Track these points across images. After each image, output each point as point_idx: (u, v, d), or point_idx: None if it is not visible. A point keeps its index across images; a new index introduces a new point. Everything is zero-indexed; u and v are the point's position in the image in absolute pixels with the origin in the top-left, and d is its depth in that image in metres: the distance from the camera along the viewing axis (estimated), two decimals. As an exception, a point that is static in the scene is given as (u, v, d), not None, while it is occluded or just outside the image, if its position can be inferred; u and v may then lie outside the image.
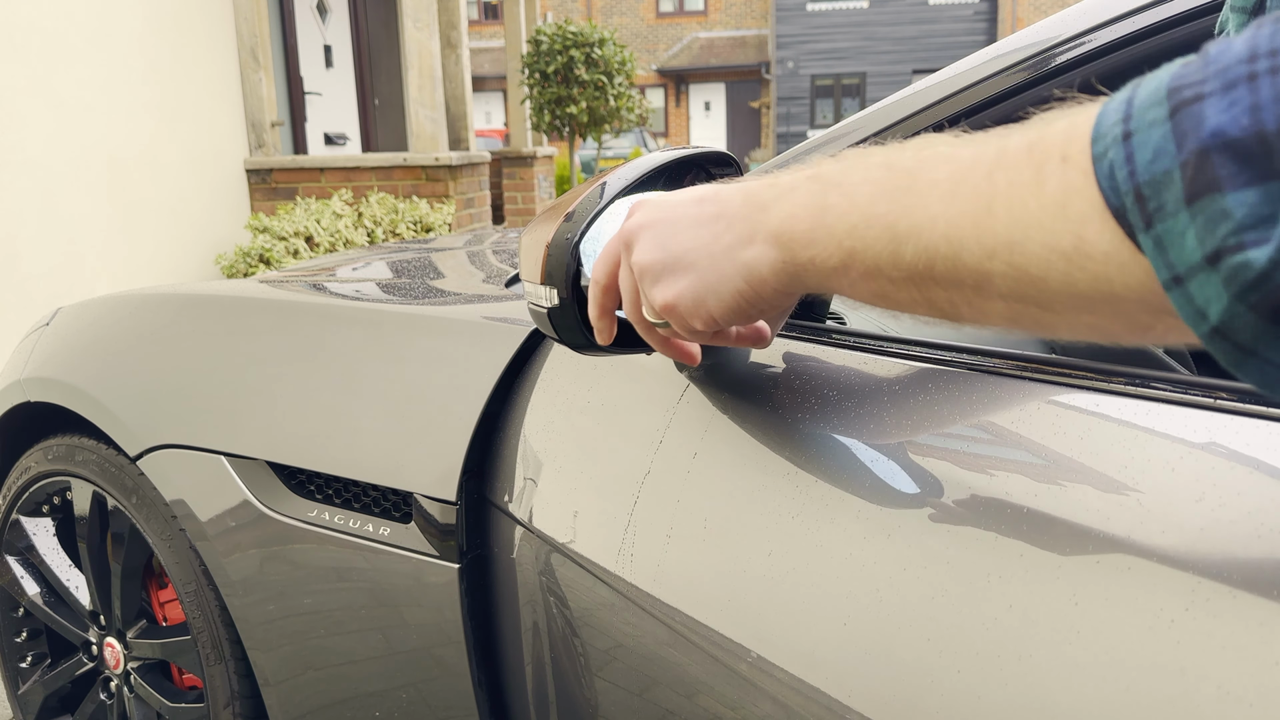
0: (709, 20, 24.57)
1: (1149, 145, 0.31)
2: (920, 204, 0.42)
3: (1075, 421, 0.57)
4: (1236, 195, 0.29)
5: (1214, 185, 0.29)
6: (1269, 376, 0.31)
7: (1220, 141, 0.29)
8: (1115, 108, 0.34)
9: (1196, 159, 0.30)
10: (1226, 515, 0.48)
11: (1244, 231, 0.29)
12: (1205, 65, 0.31)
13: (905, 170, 0.44)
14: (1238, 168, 0.29)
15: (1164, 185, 0.31)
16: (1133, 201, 0.32)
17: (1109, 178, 0.33)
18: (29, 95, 3.97)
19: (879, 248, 0.44)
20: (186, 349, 1.21)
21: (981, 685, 0.53)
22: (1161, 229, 0.31)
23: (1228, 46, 0.30)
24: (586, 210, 0.69)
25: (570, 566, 0.83)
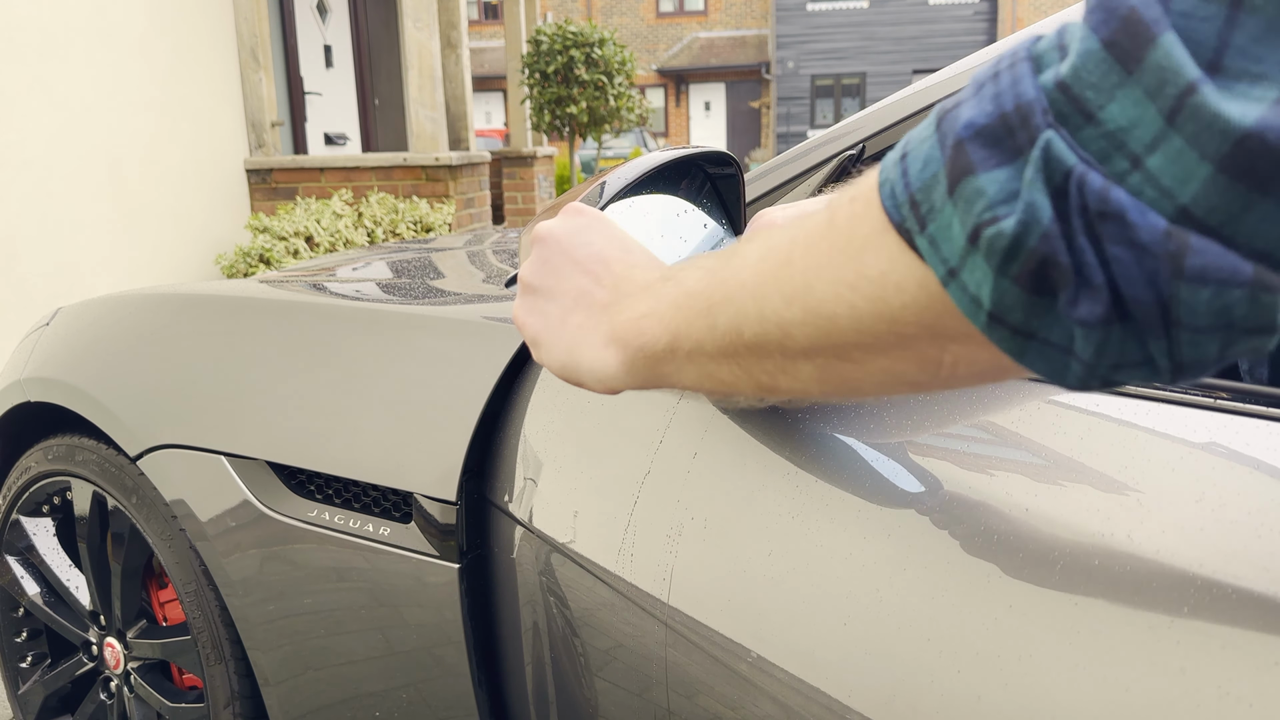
0: (709, 20, 24.57)
1: (919, 157, 0.34)
2: (733, 274, 0.45)
3: (1075, 421, 0.57)
4: (988, 175, 0.31)
5: (968, 169, 0.32)
6: (1053, 362, 0.32)
7: (972, 131, 0.32)
8: (899, 145, 0.36)
9: (954, 152, 0.32)
10: (1226, 515, 0.48)
11: (997, 206, 0.31)
12: (969, 86, 0.34)
13: (726, 254, 0.47)
14: (988, 151, 0.31)
15: (933, 186, 0.33)
16: (909, 209, 0.34)
17: (891, 198, 0.35)
18: (29, 95, 3.97)
19: (699, 323, 0.46)
20: (186, 349, 1.21)
21: (981, 685, 0.53)
22: (933, 227, 0.33)
23: (984, 68, 0.33)
24: (586, 210, 0.69)
25: (570, 566, 0.83)
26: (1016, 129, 0.31)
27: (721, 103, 24.78)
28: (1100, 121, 0.29)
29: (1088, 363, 0.32)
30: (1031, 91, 0.31)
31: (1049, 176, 0.30)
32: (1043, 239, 0.30)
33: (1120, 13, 0.29)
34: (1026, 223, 0.30)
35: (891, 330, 0.37)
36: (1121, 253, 0.29)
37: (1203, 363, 0.30)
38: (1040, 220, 0.30)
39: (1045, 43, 0.32)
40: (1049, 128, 0.30)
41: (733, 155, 0.80)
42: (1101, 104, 0.29)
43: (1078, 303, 0.30)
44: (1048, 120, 0.30)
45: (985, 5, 21.97)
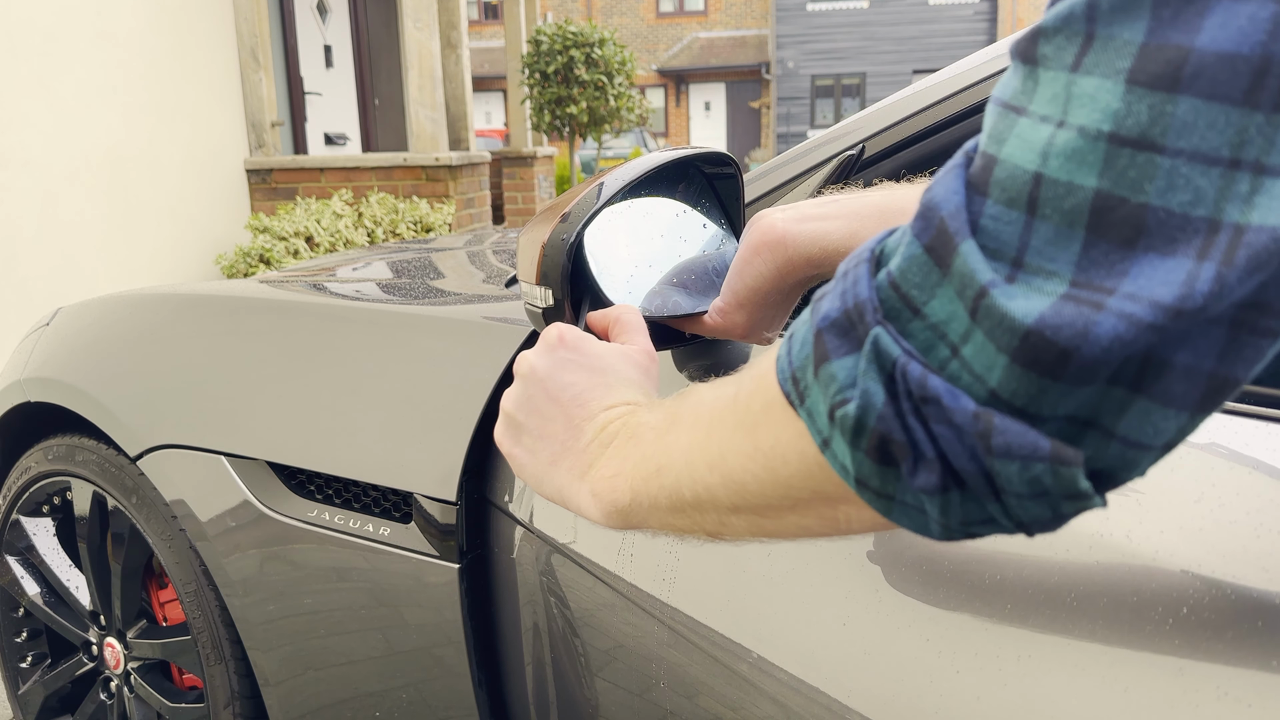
0: (709, 20, 24.57)
1: (800, 338, 0.39)
2: (674, 441, 0.50)
3: (1075, 421, 0.57)
4: (839, 361, 0.36)
5: (825, 356, 0.36)
6: (914, 519, 0.36)
7: (827, 323, 0.37)
8: (793, 326, 0.40)
9: (816, 340, 0.37)
10: (1226, 515, 0.48)
11: (845, 389, 0.35)
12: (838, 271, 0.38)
13: (672, 415, 0.52)
14: (839, 340, 0.36)
15: (806, 366, 0.38)
16: (791, 385, 0.39)
17: (781, 373, 0.40)
18: (29, 95, 3.97)
19: (652, 484, 0.51)
20: (186, 349, 1.21)
21: (981, 685, 0.53)
22: (809, 401, 0.38)
23: (848, 259, 0.38)
24: (583, 211, 0.69)
25: (570, 567, 0.83)
26: (856, 323, 0.35)
27: (721, 103, 24.78)
28: (925, 315, 0.34)
29: (941, 522, 0.35)
30: (865, 291, 0.35)
31: (881, 366, 0.34)
32: (879, 419, 0.34)
33: (934, 222, 0.33)
34: (864, 407, 0.34)
35: (788, 495, 0.42)
36: (943, 430, 0.33)
37: (1042, 522, 0.34)
38: (875, 405, 0.34)
39: (894, 239, 0.36)
40: (877, 324, 0.35)
41: (732, 156, 0.80)
42: (925, 300, 0.34)
43: (917, 473, 0.34)
44: (877, 318, 0.35)
45: (985, 5, 21.97)
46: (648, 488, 0.52)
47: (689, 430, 0.49)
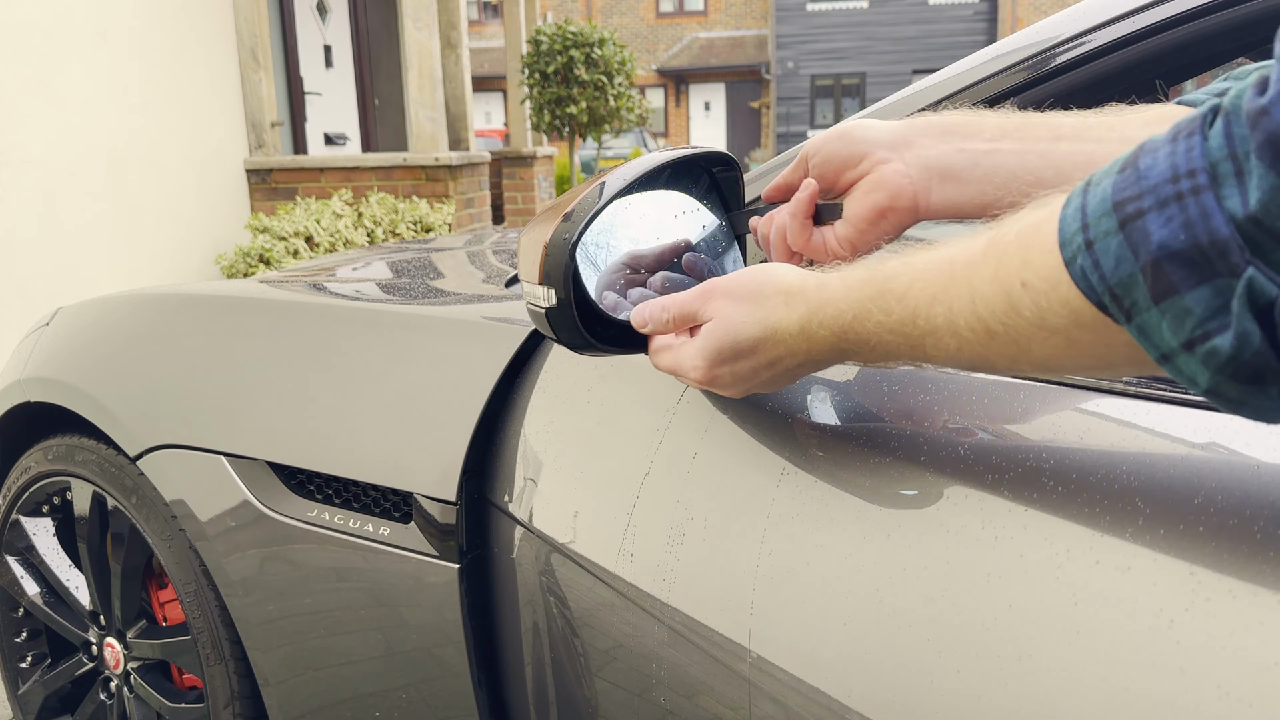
0: (709, 20, 24.56)
1: (1110, 253, 0.39)
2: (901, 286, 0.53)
3: (1075, 421, 0.57)
4: (1192, 294, 0.37)
5: (1172, 289, 0.37)
6: (1263, 414, 0.39)
7: (1167, 253, 0.37)
8: (1073, 215, 0.42)
9: (1152, 268, 0.38)
10: (1226, 515, 0.48)
11: (1206, 323, 0.37)
12: (1139, 180, 0.39)
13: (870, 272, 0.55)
14: (1186, 272, 0.37)
15: (1132, 286, 0.39)
16: (1109, 299, 0.40)
17: (1084, 280, 0.41)
18: (29, 95, 3.97)
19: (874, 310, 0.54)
20: (186, 349, 1.21)
21: (981, 685, 0.53)
22: (1140, 321, 0.39)
23: (1154, 163, 0.39)
24: (584, 210, 0.69)
25: (570, 566, 0.83)
26: (1214, 259, 0.36)
27: (721, 103, 24.77)
28: None
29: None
30: (1224, 229, 0.36)
31: (1253, 304, 0.36)
32: (1255, 355, 0.36)
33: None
34: (1239, 345, 0.36)
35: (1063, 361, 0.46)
36: None
37: None
38: (1252, 343, 0.36)
39: (1216, 151, 0.37)
40: (1248, 264, 0.35)
41: (733, 155, 0.80)
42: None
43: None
44: (1245, 257, 0.35)
45: (985, 5, 21.96)
46: (867, 313, 0.54)
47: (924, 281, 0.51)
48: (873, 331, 0.54)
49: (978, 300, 0.47)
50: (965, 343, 0.49)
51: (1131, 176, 0.39)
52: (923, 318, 0.51)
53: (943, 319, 0.49)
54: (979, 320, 0.47)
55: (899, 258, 0.54)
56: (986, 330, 0.47)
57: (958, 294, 0.48)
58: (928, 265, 0.51)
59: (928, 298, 0.50)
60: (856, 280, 0.56)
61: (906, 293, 0.52)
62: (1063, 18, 0.80)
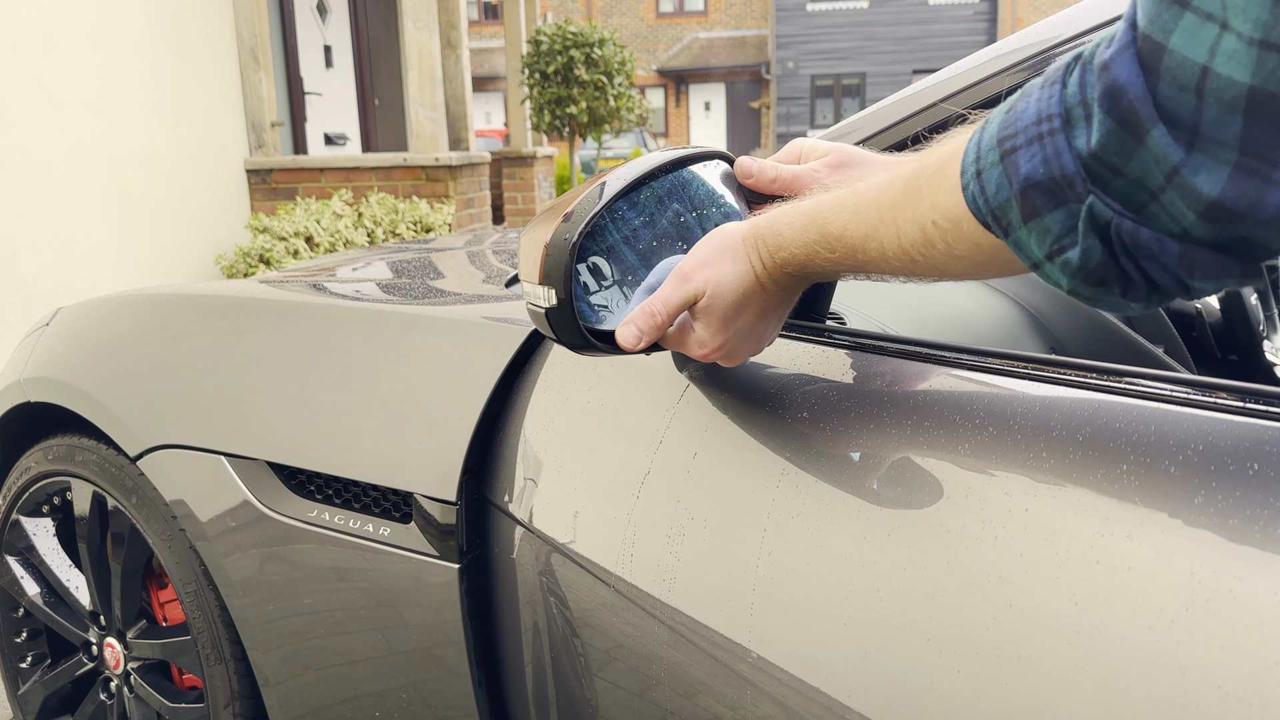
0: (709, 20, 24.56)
1: (992, 182, 0.48)
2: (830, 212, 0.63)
3: (1075, 421, 0.57)
4: (1050, 216, 0.46)
5: (1035, 212, 0.47)
6: (1113, 308, 0.48)
7: (1032, 183, 0.46)
8: (970, 149, 0.50)
9: (1020, 195, 0.47)
10: (1226, 515, 0.48)
11: (1061, 239, 0.46)
12: (1015, 121, 0.47)
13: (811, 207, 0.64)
14: (1046, 199, 0.46)
15: (1007, 209, 0.48)
16: (991, 219, 0.49)
17: (973, 202, 0.50)
18: (29, 95, 3.97)
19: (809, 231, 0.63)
20: (186, 349, 1.21)
21: (981, 685, 0.53)
22: (1015, 237, 0.49)
23: (1026, 106, 0.47)
24: (585, 210, 0.69)
25: (570, 566, 0.83)
26: (1065, 188, 0.45)
27: (721, 103, 24.76)
28: (1124, 174, 0.43)
29: (1134, 307, 0.47)
30: (1071, 165, 0.44)
31: (1094, 225, 0.44)
32: (1098, 264, 0.45)
33: (1122, 101, 0.42)
34: (1085, 256, 0.45)
35: (958, 259, 0.55)
36: (1151, 266, 0.44)
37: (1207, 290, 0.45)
38: (1094, 254, 0.45)
39: (1070, 99, 0.44)
40: (1089, 193, 0.44)
41: (733, 155, 0.80)
42: (1123, 164, 0.43)
43: (1126, 293, 0.46)
44: (1087, 187, 0.44)
45: (985, 5, 21.96)
46: (803, 235, 0.63)
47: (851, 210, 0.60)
48: (823, 266, 0.64)
49: (902, 237, 0.56)
50: (895, 267, 0.59)
51: (1010, 117, 0.48)
52: (860, 252, 0.60)
53: (876, 253, 0.59)
54: (904, 253, 0.57)
55: (832, 197, 0.63)
56: (910, 260, 0.57)
57: (886, 232, 0.57)
58: (858, 205, 0.60)
59: (861, 236, 0.59)
60: (800, 226, 0.65)
61: (844, 233, 0.61)
62: (1063, 18, 0.80)
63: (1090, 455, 0.55)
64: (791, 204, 0.67)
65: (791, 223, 0.65)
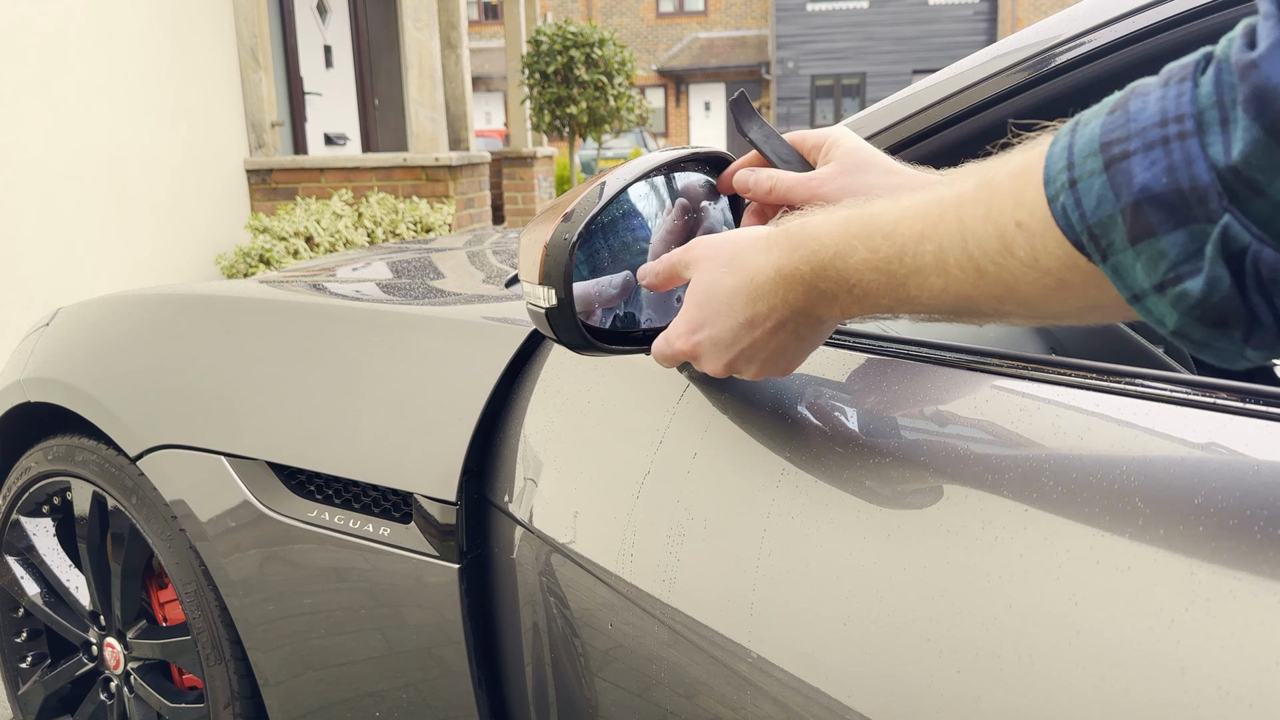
0: (709, 20, 24.56)
1: (1092, 193, 0.40)
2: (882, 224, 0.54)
3: (1075, 421, 0.57)
4: (1168, 238, 0.38)
5: (1149, 231, 0.38)
6: (1224, 357, 0.40)
7: (1148, 195, 0.38)
8: (1059, 153, 0.42)
9: (1132, 209, 0.39)
10: (1226, 515, 0.48)
11: (1179, 266, 0.38)
12: (1128, 122, 0.39)
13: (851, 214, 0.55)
14: (1164, 216, 0.38)
15: (1110, 227, 0.40)
16: (1087, 238, 0.41)
17: (1064, 218, 0.42)
18: (29, 95, 3.96)
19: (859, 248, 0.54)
20: (186, 349, 1.21)
21: (981, 685, 0.53)
22: (1115, 261, 0.40)
23: (1144, 106, 0.39)
24: (585, 210, 0.70)
25: (570, 566, 0.83)
26: (1193, 205, 0.37)
27: (721, 103, 24.76)
28: (1267, 194, 0.35)
29: (1249, 359, 0.40)
30: (1205, 176, 0.37)
31: (1225, 250, 0.37)
32: (1222, 300, 0.37)
33: (1276, 108, 0.34)
34: (1209, 289, 0.37)
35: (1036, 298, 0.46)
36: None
37: None
38: (1221, 287, 0.37)
39: (1205, 99, 0.37)
40: (1225, 211, 0.36)
41: (733, 156, 0.80)
42: (1269, 180, 0.35)
43: (1250, 337, 0.38)
44: (1223, 204, 0.36)
45: (985, 5, 21.96)
46: (852, 249, 0.54)
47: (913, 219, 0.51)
48: (855, 269, 0.54)
49: (969, 239, 0.47)
50: (953, 281, 0.49)
51: (1121, 118, 0.40)
52: (910, 255, 0.50)
53: (931, 257, 0.49)
54: (969, 259, 0.47)
55: (884, 199, 0.54)
56: (977, 269, 0.47)
57: (948, 231, 0.48)
58: (915, 203, 0.51)
59: (916, 234, 0.50)
60: (841, 217, 0.56)
61: (894, 229, 0.52)
62: (1063, 18, 0.80)
63: (1090, 455, 0.55)
64: (832, 206, 0.59)
65: (830, 214, 0.57)
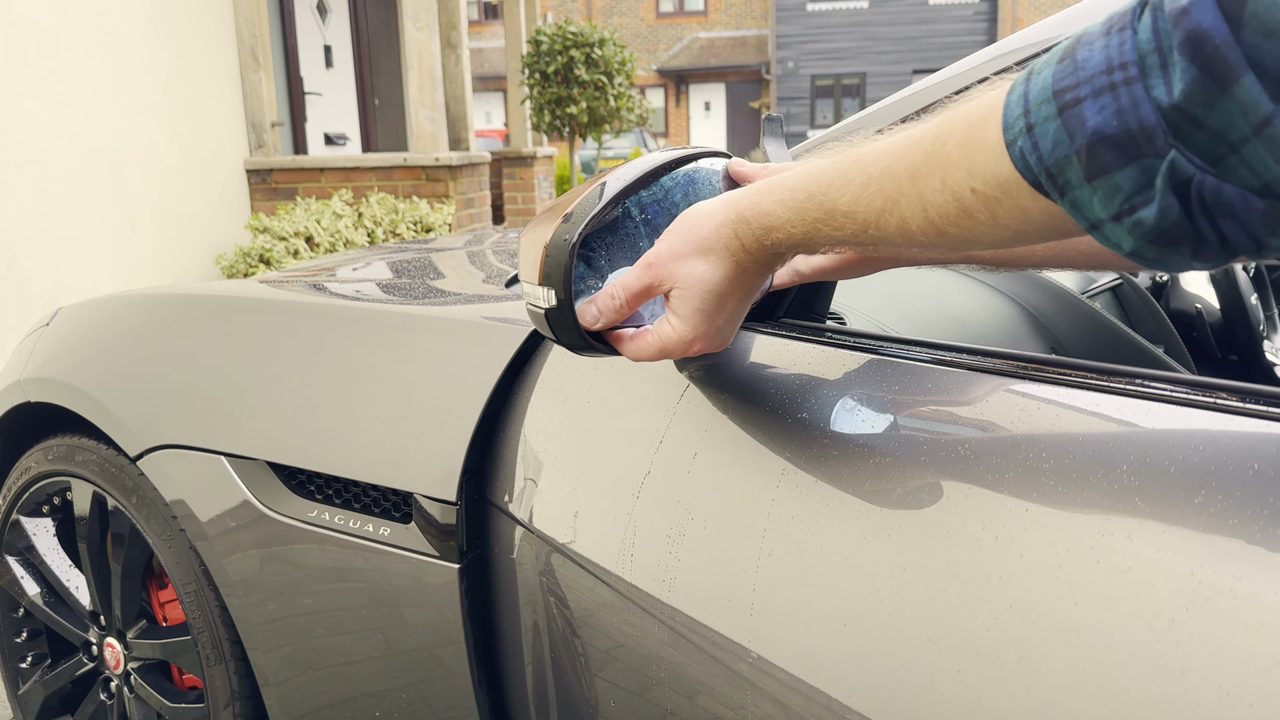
0: (709, 20, 24.56)
1: (1048, 137, 0.44)
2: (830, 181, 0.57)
3: (1075, 421, 0.57)
4: (1121, 173, 0.42)
5: (1104, 169, 0.42)
6: (1174, 268, 0.45)
7: (1101, 137, 0.42)
8: (1016, 101, 0.46)
9: (1087, 150, 0.42)
10: (1226, 515, 0.48)
11: (1133, 198, 0.42)
12: (1076, 70, 0.43)
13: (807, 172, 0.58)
14: (1116, 154, 0.42)
15: (1066, 166, 0.44)
16: (1045, 178, 0.45)
17: (1022, 160, 0.45)
18: (29, 95, 3.97)
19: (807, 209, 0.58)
20: (186, 349, 1.21)
21: (981, 685, 0.53)
22: (1072, 196, 0.44)
23: (1089, 55, 0.43)
24: (585, 211, 0.69)
25: (570, 567, 0.83)
26: (1142, 143, 0.41)
27: (721, 103, 24.76)
28: (1206, 126, 0.39)
29: (1199, 265, 0.44)
30: (1151, 117, 0.41)
31: (1173, 182, 0.41)
32: (1173, 224, 0.42)
33: (1207, 48, 0.38)
34: (1161, 217, 0.42)
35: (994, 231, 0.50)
36: (1229, 225, 0.41)
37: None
38: (1172, 214, 0.41)
39: (1145, 44, 0.41)
40: (1170, 147, 0.40)
41: (733, 155, 0.80)
42: (1206, 114, 0.39)
43: (1198, 253, 0.43)
44: (1169, 141, 0.40)
45: (985, 5, 21.96)
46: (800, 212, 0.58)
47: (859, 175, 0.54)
48: (826, 240, 0.59)
49: (929, 208, 0.51)
50: (917, 240, 0.53)
51: (1070, 67, 0.44)
52: (874, 227, 0.55)
53: (895, 227, 0.53)
54: (931, 224, 0.51)
55: (829, 166, 0.58)
56: (939, 232, 0.52)
57: (908, 205, 0.52)
58: (868, 179, 0.54)
59: (876, 210, 0.54)
60: (795, 202, 0.59)
61: (853, 209, 0.55)
62: (1063, 18, 0.80)
63: (1090, 455, 0.55)
64: (776, 179, 0.62)
65: (783, 199, 0.60)
